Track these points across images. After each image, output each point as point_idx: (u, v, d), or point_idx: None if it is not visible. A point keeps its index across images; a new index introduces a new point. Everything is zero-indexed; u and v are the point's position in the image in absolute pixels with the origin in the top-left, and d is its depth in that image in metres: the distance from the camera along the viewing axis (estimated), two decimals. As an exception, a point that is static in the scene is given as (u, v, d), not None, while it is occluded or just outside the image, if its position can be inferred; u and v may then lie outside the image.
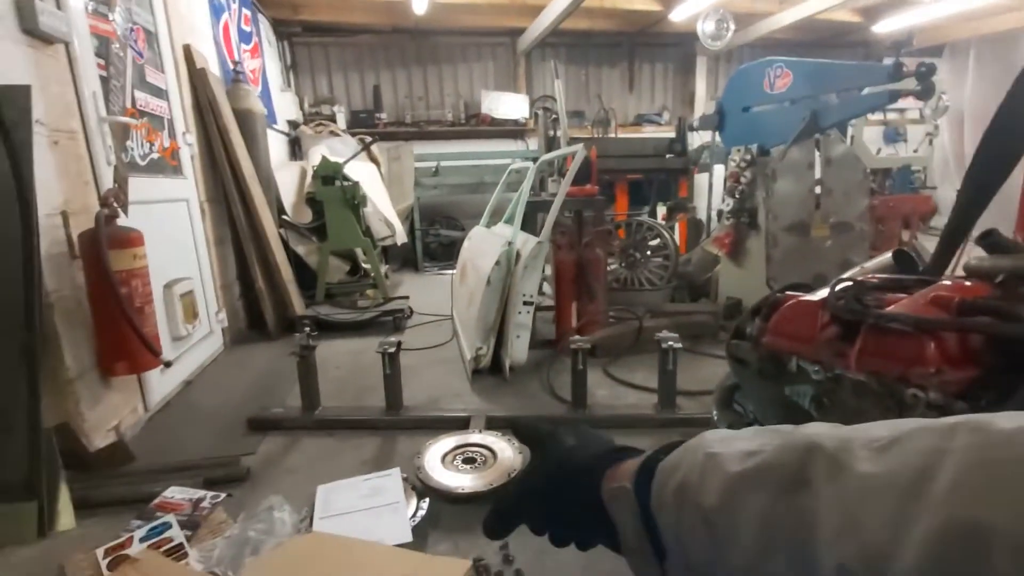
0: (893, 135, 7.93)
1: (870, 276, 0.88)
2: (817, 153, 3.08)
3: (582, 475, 0.47)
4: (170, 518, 1.48)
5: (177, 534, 1.42)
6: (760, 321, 0.93)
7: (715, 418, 1.06)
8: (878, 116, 7.66)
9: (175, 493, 1.62)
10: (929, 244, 1.73)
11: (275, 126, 5.20)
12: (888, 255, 1.10)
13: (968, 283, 0.75)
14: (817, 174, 3.10)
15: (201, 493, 1.62)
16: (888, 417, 0.70)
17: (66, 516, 1.55)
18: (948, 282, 0.77)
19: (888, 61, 2.83)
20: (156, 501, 1.58)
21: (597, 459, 0.48)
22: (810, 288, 0.97)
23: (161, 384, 2.39)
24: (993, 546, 0.23)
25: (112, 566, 1.28)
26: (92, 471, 1.79)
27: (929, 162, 5.96)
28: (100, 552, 1.34)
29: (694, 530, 0.35)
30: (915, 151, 6.48)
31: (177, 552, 1.35)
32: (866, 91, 2.83)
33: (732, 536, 0.33)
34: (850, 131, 5.28)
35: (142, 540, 1.39)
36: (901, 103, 3.21)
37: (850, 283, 0.80)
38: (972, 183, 0.90)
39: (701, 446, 0.38)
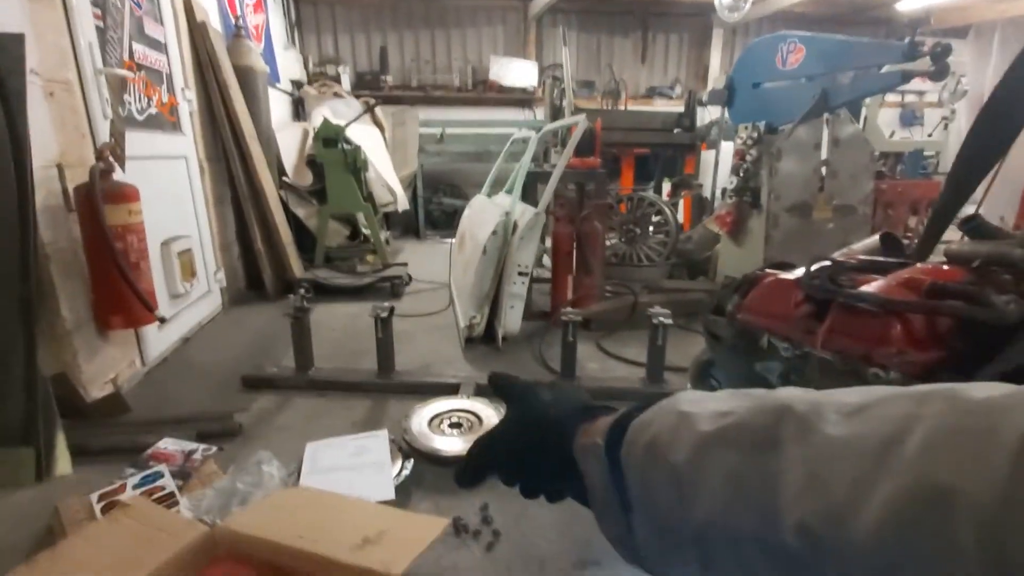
0: (910, 118, 7.75)
1: (850, 257, 0.88)
2: (825, 133, 3.02)
3: (556, 428, 0.48)
4: (162, 468, 1.53)
5: (169, 483, 1.47)
6: (738, 297, 0.93)
7: (689, 389, 1.07)
8: (895, 98, 7.48)
9: (168, 444, 1.67)
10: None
11: (278, 85, 5.12)
12: (875, 238, 1.09)
13: (945, 267, 0.74)
14: (824, 155, 3.05)
15: (194, 446, 1.67)
16: (849, 395, 0.71)
17: (63, 462, 1.60)
18: (924, 265, 0.76)
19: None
20: (150, 451, 1.63)
21: (571, 414, 0.49)
22: (793, 267, 0.96)
23: (159, 340, 2.43)
24: (956, 510, 0.23)
25: (105, 510, 1.33)
26: (89, 420, 1.84)
27: (944, 147, 5.83)
28: (94, 497, 1.39)
29: (661, 485, 0.36)
30: (929, 135, 6.33)
31: (168, 500, 1.40)
32: (883, 70, 2.76)
33: (698, 492, 0.33)
34: (864, 112, 5.16)
35: (135, 487, 1.44)
36: (920, 85, 3.13)
37: (827, 263, 0.80)
38: (961, 168, 0.89)
39: (674, 405, 0.39)
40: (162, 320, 2.06)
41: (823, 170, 3.05)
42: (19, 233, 1.56)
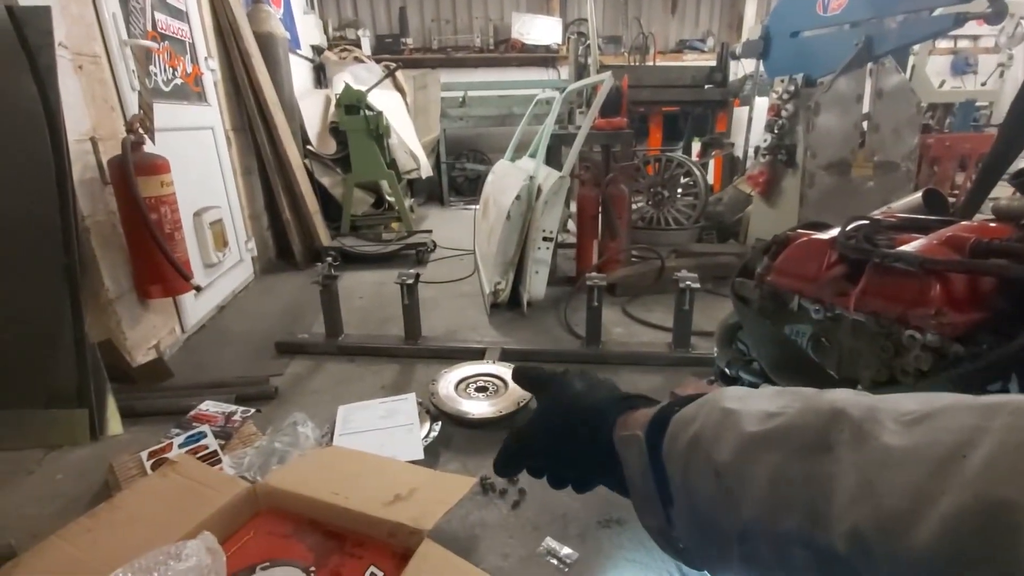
0: (962, 65, 7.20)
1: (889, 216, 0.84)
2: (868, 84, 2.85)
3: (593, 417, 0.48)
4: (205, 428, 1.61)
5: (212, 443, 1.55)
6: (768, 259, 0.90)
7: (715, 354, 1.06)
8: (947, 43, 6.95)
9: (210, 407, 1.75)
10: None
11: (298, 51, 5.08)
12: (918, 195, 1.04)
13: (992, 224, 0.70)
14: (865, 108, 2.89)
15: (233, 408, 1.74)
16: (882, 358, 0.69)
17: (114, 423, 1.70)
18: (969, 223, 0.72)
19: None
20: (192, 413, 1.71)
21: (609, 404, 0.48)
22: (827, 227, 0.93)
23: (196, 308, 2.52)
24: (1022, 528, 0.22)
25: (155, 467, 1.42)
26: (135, 385, 1.94)
27: (998, 97, 5.44)
28: (144, 455, 1.48)
29: (704, 482, 0.36)
30: (983, 84, 5.90)
31: (211, 458, 1.48)
32: (935, 13, 2.55)
33: (743, 492, 0.33)
34: (911, 60, 4.83)
35: (181, 446, 1.52)
36: (975, 29, 2.88)
37: (865, 222, 0.77)
38: (1015, 118, 0.83)
39: (719, 401, 0.38)
40: (198, 289, 2.13)
41: (864, 124, 2.89)
42: (59, 206, 1.62)
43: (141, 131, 1.95)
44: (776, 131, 3.05)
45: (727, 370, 1.01)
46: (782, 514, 0.31)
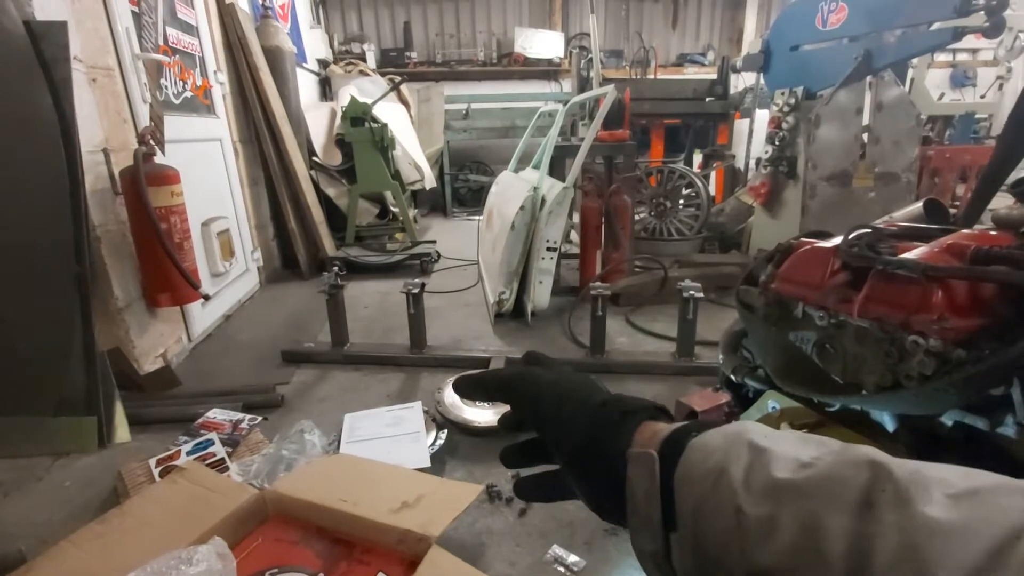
0: (961, 78, 7.27)
1: (891, 225, 0.86)
2: (868, 97, 2.88)
3: (620, 415, 0.45)
4: (213, 436, 1.62)
5: (219, 450, 1.56)
6: (772, 267, 0.92)
7: (721, 361, 1.07)
8: (945, 57, 7.02)
9: (217, 415, 1.76)
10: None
11: (305, 65, 5.16)
12: (919, 205, 1.06)
13: (992, 232, 0.72)
14: (865, 120, 2.92)
15: (240, 416, 1.75)
16: (886, 363, 0.70)
17: (122, 430, 1.71)
18: (970, 231, 0.74)
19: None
20: (200, 421, 1.72)
21: (638, 408, 0.45)
22: (830, 236, 0.95)
23: (203, 317, 2.54)
24: None
25: (163, 474, 1.43)
26: (143, 393, 1.95)
27: (998, 109, 5.47)
28: (152, 462, 1.49)
29: (720, 519, 0.34)
30: (982, 97, 5.95)
31: (219, 465, 1.49)
32: (933, 27, 2.59)
33: (766, 537, 0.32)
34: (911, 73, 4.88)
35: (189, 453, 1.53)
36: (974, 42, 2.93)
37: (867, 230, 0.79)
38: (1013, 128, 0.85)
39: (743, 434, 0.37)
40: (206, 297, 2.15)
41: (864, 136, 2.92)
42: (72, 215, 1.64)
43: (152, 142, 1.99)
44: (777, 143, 3.09)
45: (733, 376, 1.02)
46: (810, 566, 0.30)
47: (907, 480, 0.29)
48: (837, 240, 0.85)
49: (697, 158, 5.14)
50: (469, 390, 0.49)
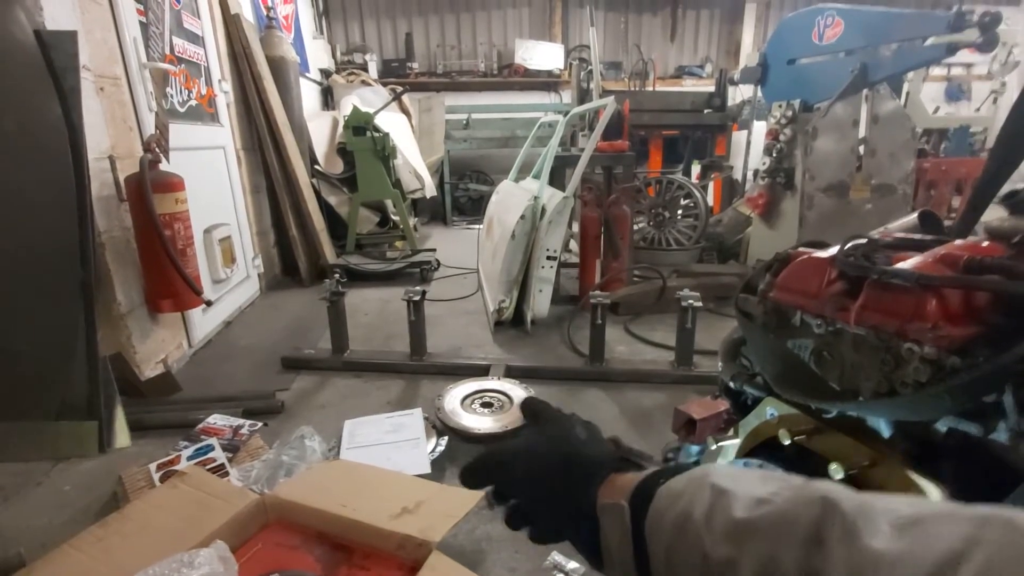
0: (956, 92, 7.37)
1: (886, 236, 0.88)
2: (864, 110, 2.92)
3: (586, 468, 0.47)
4: (213, 441, 1.62)
5: (219, 455, 1.56)
6: (770, 276, 0.93)
7: (719, 369, 1.08)
8: (940, 71, 7.11)
9: (217, 420, 1.76)
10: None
11: (307, 75, 5.21)
12: (913, 216, 1.07)
13: (985, 243, 0.74)
14: (862, 133, 2.96)
15: (240, 421, 1.76)
16: (882, 370, 0.72)
17: (123, 435, 1.71)
18: (963, 242, 0.76)
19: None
20: (200, 426, 1.73)
21: (604, 461, 0.48)
22: (827, 246, 0.96)
23: (203, 323, 2.55)
24: None
25: (163, 479, 1.43)
26: (144, 398, 1.95)
27: (992, 123, 5.54)
28: (153, 467, 1.49)
29: (688, 565, 0.36)
30: (977, 110, 6.02)
31: (219, 471, 1.49)
32: (927, 42, 2.64)
33: None
34: (906, 86, 4.95)
35: (189, 459, 1.53)
36: (968, 57, 2.99)
37: (863, 240, 0.80)
38: (1006, 139, 0.87)
39: (706, 477, 0.38)
40: (208, 303, 2.16)
41: (861, 149, 2.96)
42: (78, 222, 1.66)
43: (157, 150, 2.01)
44: (775, 154, 3.12)
45: (731, 384, 1.03)
46: None
47: (855, 514, 0.30)
48: (834, 250, 0.87)
49: (695, 169, 5.19)
50: (471, 484, 0.52)
